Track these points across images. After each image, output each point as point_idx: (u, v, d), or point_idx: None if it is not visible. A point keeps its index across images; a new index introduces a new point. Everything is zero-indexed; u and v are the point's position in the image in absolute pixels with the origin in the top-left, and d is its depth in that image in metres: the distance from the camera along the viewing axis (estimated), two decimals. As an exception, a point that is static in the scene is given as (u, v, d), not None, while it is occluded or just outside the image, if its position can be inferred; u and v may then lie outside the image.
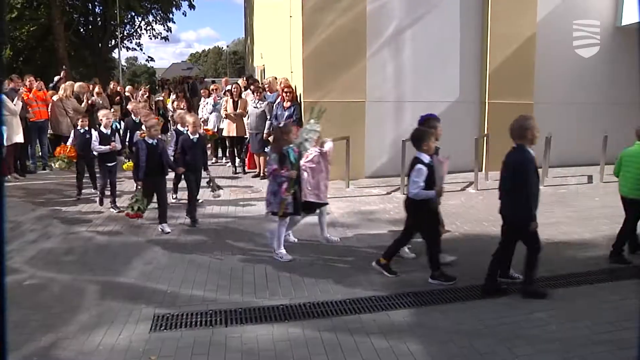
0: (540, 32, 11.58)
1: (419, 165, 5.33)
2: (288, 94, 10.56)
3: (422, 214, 5.47)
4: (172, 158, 7.85)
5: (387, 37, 11.02)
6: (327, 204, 6.89)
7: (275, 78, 11.74)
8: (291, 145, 6.17)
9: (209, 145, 11.33)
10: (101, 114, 8.84)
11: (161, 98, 14.85)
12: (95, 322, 4.62)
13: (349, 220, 7.88)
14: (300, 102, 10.82)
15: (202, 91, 13.55)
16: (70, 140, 9.10)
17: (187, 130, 7.95)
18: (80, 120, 9.20)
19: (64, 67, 16.90)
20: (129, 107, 10.49)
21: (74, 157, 8.74)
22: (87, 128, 9.02)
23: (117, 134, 8.85)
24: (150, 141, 7.33)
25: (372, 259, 6.09)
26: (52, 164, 8.67)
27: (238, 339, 4.31)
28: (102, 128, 8.58)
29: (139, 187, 7.31)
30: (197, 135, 7.88)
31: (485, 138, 11.05)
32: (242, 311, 4.83)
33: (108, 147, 8.44)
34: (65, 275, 5.76)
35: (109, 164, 8.56)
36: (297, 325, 4.56)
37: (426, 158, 5.37)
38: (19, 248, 6.67)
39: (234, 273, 5.79)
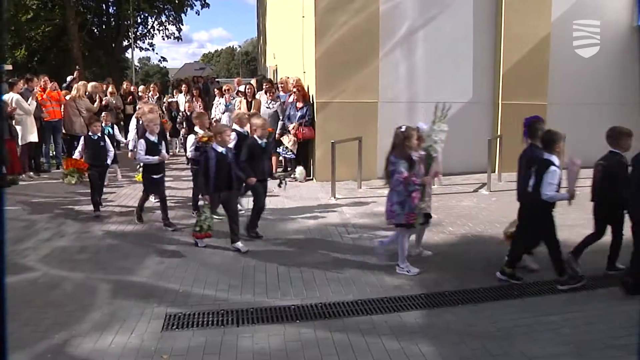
0: (555, 32, 11.50)
1: (554, 167, 5.18)
2: (298, 92, 10.56)
3: (547, 217, 5.35)
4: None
5: (400, 37, 11.00)
6: (430, 215, 6.38)
7: (288, 78, 11.80)
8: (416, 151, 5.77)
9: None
10: (148, 118, 7.70)
11: (175, 99, 14.79)
12: (107, 320, 4.64)
13: (361, 221, 7.87)
14: (313, 102, 10.82)
15: (215, 90, 13.56)
16: (79, 147, 8.32)
17: (253, 134, 7.15)
18: (93, 125, 8.44)
19: (77, 67, 17.06)
20: (145, 108, 9.52)
21: (84, 170, 7.76)
22: (99, 134, 8.36)
23: (165, 142, 7.85)
24: (219, 149, 6.49)
25: (384, 260, 6.06)
26: (62, 180, 7.93)
27: (249, 339, 4.31)
28: (148, 135, 7.47)
29: (206, 202, 6.50)
30: (266, 140, 7.12)
31: (498, 139, 10.99)
32: (253, 311, 4.83)
33: (157, 157, 7.46)
34: (78, 274, 5.80)
35: (156, 176, 7.56)
36: (308, 325, 4.56)
37: (556, 160, 5.28)
38: (33, 246, 6.73)
39: (246, 273, 5.80)
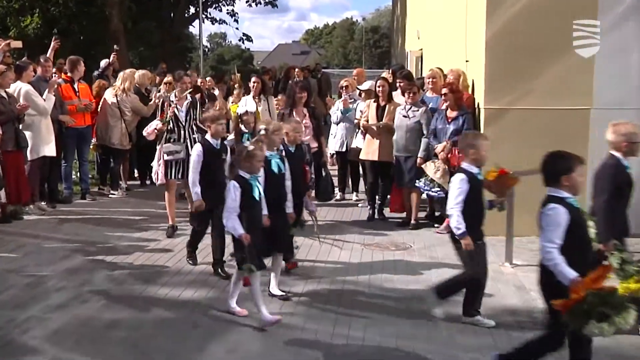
0: None
1: None
2: (448, 94, 10.39)
3: None
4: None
5: (631, 2, 10.60)
6: None
7: (441, 71, 11.78)
8: None
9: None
10: None
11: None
12: None
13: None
14: (478, 108, 10.69)
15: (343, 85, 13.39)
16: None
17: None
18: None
19: (115, 46, 17.69)
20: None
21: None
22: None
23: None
24: None
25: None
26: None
27: None
28: None
29: None
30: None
31: None
32: None
33: None
34: (105, 361, 5.97)
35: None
36: None
37: None
38: (40, 315, 6.99)
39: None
